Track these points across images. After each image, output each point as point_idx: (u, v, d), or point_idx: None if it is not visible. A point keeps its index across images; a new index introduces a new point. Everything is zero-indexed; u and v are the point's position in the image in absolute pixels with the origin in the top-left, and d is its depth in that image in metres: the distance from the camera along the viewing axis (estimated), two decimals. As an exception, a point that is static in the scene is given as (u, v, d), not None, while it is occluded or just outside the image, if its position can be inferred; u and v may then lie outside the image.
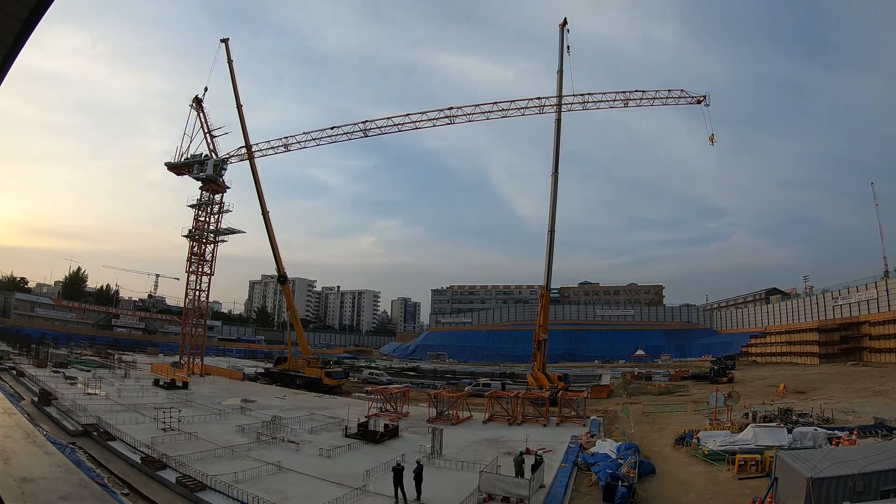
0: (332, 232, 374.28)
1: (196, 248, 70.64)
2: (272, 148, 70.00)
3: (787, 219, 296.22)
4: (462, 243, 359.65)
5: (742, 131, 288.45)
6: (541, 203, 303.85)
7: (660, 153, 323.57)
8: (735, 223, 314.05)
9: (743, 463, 22.92)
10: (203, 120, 70.89)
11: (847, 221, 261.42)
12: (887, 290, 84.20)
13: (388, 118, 64.19)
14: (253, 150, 69.94)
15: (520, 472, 21.01)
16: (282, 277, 68.28)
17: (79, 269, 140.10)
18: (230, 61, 69.82)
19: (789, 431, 26.62)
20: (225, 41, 70.28)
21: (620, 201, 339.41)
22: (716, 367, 70.59)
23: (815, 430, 26.82)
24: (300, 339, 66.29)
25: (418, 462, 21.03)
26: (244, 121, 69.07)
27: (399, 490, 19.38)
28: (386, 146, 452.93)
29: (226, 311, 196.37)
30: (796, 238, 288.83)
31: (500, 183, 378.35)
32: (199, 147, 71.17)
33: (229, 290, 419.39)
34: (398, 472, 19.60)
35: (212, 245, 72.06)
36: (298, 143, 68.79)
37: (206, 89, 70.57)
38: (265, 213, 66.89)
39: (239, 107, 68.71)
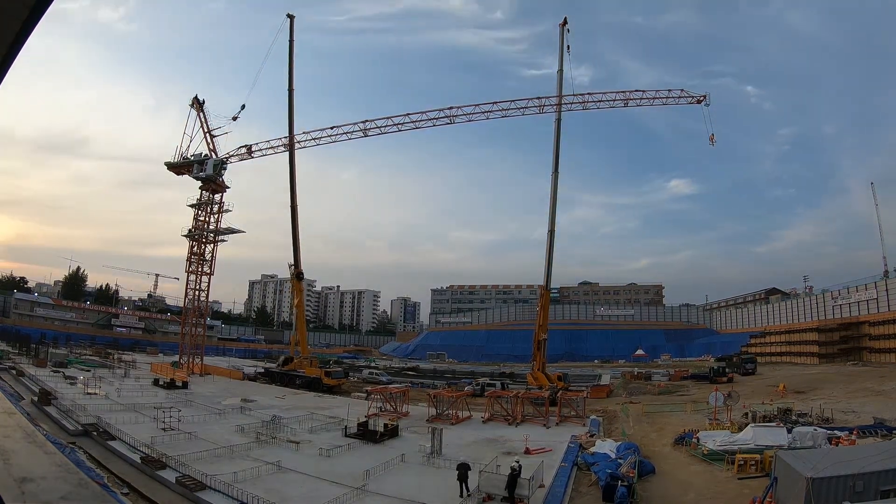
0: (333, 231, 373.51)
1: (196, 248, 70.60)
2: (272, 148, 69.80)
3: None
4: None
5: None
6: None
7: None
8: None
9: (742, 463, 22.93)
10: (203, 120, 70.80)
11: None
12: (887, 290, 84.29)
13: (387, 118, 64.09)
14: (253, 150, 69.92)
15: (511, 486, 19.19)
16: (299, 274, 68.48)
17: (78, 268, 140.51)
18: (291, 40, 69.66)
19: (789, 431, 26.64)
20: (291, 17, 70.13)
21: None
22: (723, 367, 71.08)
23: (815, 429, 26.84)
24: (302, 337, 66.19)
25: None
26: (293, 106, 69.30)
27: (463, 485, 19.92)
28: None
29: (225, 311, 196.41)
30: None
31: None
32: (199, 147, 71.24)
33: (229, 290, 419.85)
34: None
35: (211, 245, 72.03)
36: (298, 142, 68.62)
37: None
38: (294, 207, 67.42)
39: (290, 90, 68.87)
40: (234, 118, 70.59)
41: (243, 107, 71.60)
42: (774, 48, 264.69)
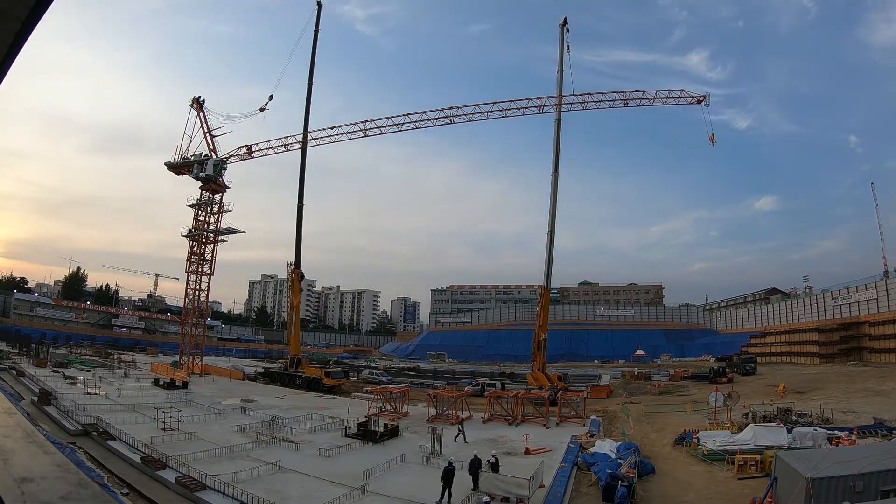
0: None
1: (196, 248, 70.57)
2: (272, 148, 69.80)
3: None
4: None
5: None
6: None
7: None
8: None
9: (742, 463, 22.93)
10: (203, 120, 70.75)
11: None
12: (887, 290, 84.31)
13: (388, 118, 64.14)
14: (253, 150, 69.92)
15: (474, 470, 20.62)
16: (300, 273, 68.71)
17: (78, 268, 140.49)
18: (317, 30, 69.91)
19: (789, 431, 26.63)
20: (319, 5, 70.28)
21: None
22: (723, 367, 71.17)
23: (815, 429, 26.84)
24: (295, 335, 66.02)
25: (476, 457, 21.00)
26: (310, 100, 69.46)
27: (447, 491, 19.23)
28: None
29: (225, 311, 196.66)
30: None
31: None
32: (200, 147, 71.17)
33: (229, 291, 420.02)
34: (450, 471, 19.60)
35: (211, 245, 72.01)
36: (298, 142, 68.60)
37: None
38: (301, 205, 67.56)
39: (310, 85, 69.07)
40: (262, 109, 70.24)
41: (271, 97, 71.38)
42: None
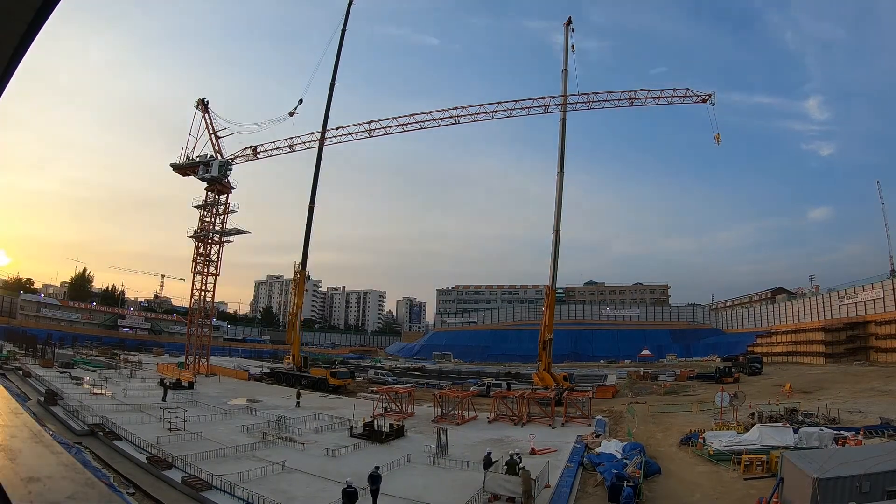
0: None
1: (201, 249, 70.86)
2: (277, 149, 70.01)
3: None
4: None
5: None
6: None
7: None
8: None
9: (749, 463, 22.81)
10: (208, 121, 71.03)
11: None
12: (893, 289, 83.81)
13: (392, 118, 64.24)
14: (258, 151, 70.14)
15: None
16: (306, 274, 68.78)
17: (84, 269, 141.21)
18: (344, 29, 69.81)
19: (795, 431, 26.49)
20: (350, 2, 70.03)
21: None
22: (729, 367, 70.93)
23: (821, 430, 26.67)
24: (296, 341, 66.00)
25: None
26: (331, 99, 69.17)
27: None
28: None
29: (231, 312, 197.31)
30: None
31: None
32: (205, 148, 71.49)
33: (235, 291, 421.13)
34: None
35: (217, 245, 72.26)
36: (303, 143, 68.80)
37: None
38: (312, 207, 67.67)
39: (332, 85, 69.18)
40: (291, 113, 69.97)
41: (301, 101, 71.05)
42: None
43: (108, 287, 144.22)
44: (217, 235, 71.51)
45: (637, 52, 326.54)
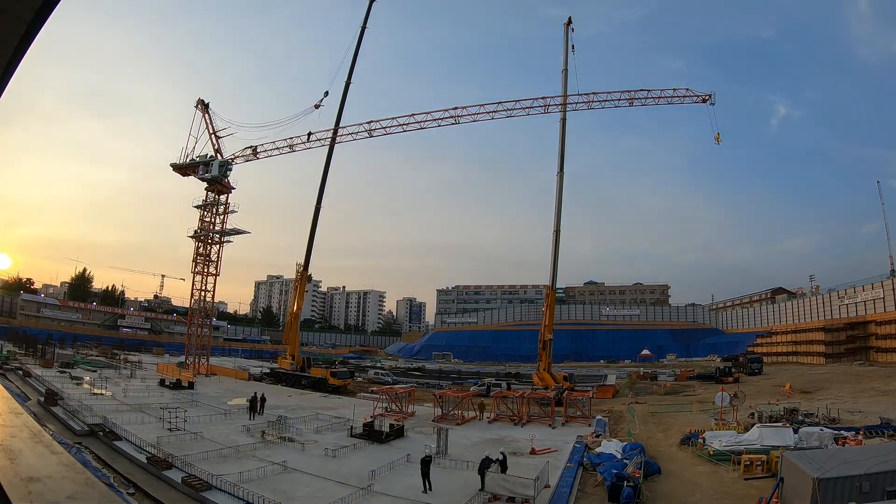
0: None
1: (202, 249, 70.82)
2: (277, 149, 69.92)
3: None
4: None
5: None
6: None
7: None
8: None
9: (749, 463, 22.80)
10: (208, 121, 70.98)
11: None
12: (893, 289, 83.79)
13: (392, 118, 64.16)
14: (258, 151, 70.07)
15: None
16: (308, 274, 68.69)
17: (84, 269, 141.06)
18: (364, 26, 69.24)
19: (795, 431, 26.47)
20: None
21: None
22: (729, 367, 70.95)
23: (821, 430, 26.66)
24: (295, 340, 65.93)
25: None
26: (346, 98, 68.95)
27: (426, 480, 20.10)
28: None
29: (231, 312, 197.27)
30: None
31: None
32: (205, 148, 71.45)
33: (235, 291, 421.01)
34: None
35: (217, 245, 72.23)
36: (303, 143, 68.68)
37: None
38: (318, 207, 67.61)
39: (347, 84, 68.95)
40: (317, 106, 69.19)
41: (326, 94, 70.36)
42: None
43: (108, 287, 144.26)
44: (217, 235, 71.47)
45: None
